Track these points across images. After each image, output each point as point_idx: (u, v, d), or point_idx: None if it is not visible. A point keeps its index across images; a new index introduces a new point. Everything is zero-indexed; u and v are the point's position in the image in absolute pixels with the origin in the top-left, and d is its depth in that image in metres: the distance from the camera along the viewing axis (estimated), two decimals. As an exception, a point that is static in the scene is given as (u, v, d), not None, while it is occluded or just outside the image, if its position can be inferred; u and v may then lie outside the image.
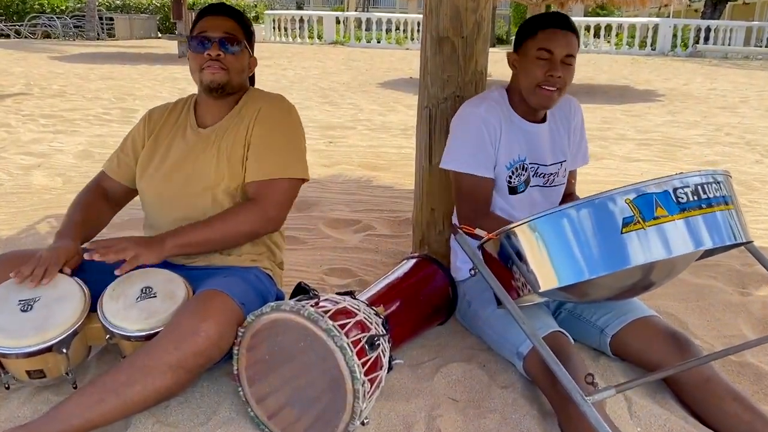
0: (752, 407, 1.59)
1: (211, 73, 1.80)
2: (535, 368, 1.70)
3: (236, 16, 1.87)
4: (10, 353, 1.55)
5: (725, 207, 1.46)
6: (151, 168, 1.92)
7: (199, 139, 1.89)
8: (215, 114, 1.91)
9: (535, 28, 1.86)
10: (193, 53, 1.83)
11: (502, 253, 1.56)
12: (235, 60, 1.83)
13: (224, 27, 1.82)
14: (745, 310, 2.35)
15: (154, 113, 2.02)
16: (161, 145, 1.94)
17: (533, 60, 1.83)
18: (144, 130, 1.98)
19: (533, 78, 1.83)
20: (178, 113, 1.98)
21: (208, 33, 1.80)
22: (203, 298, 1.60)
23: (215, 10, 1.86)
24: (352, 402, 1.45)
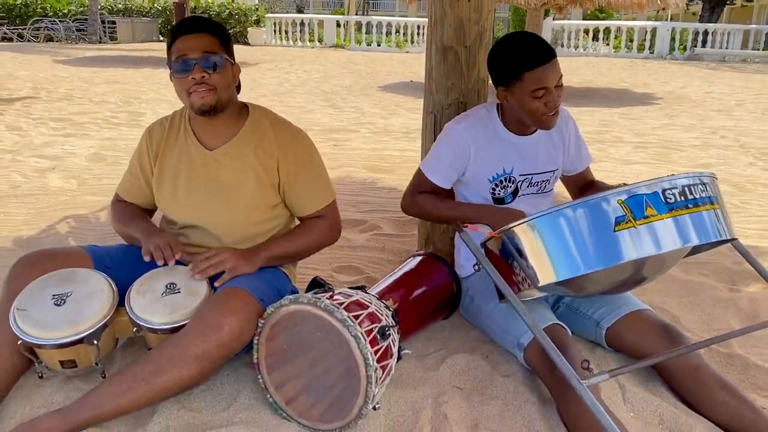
0: (738, 394, 1.69)
1: (200, 98, 1.78)
2: (535, 358, 1.81)
3: (211, 29, 1.83)
4: (45, 344, 1.66)
5: (711, 207, 1.57)
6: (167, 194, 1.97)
7: (211, 161, 1.91)
8: (217, 134, 1.92)
9: (519, 70, 1.86)
10: (176, 77, 1.80)
11: (504, 251, 1.68)
12: (220, 77, 1.80)
13: (202, 45, 1.78)
14: (734, 305, 2.46)
15: (153, 133, 2.01)
16: (169, 169, 1.96)
17: (529, 99, 1.87)
18: (148, 152, 2.00)
19: (534, 110, 1.89)
20: (176, 132, 1.98)
21: (187, 55, 1.76)
22: (226, 294, 1.70)
23: (188, 28, 1.80)
24: (366, 387, 1.56)
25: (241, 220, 1.94)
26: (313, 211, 1.98)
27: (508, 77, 1.90)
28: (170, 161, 1.96)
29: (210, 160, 1.92)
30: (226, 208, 1.92)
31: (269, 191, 1.94)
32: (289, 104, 8.25)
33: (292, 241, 1.96)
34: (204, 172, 1.92)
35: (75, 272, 1.82)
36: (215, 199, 1.91)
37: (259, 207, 1.94)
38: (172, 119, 2.02)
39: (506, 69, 1.90)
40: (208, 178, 1.92)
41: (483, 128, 2.05)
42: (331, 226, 2.01)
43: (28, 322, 1.67)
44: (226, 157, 1.92)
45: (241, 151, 1.92)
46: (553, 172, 2.15)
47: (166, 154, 1.97)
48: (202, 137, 1.95)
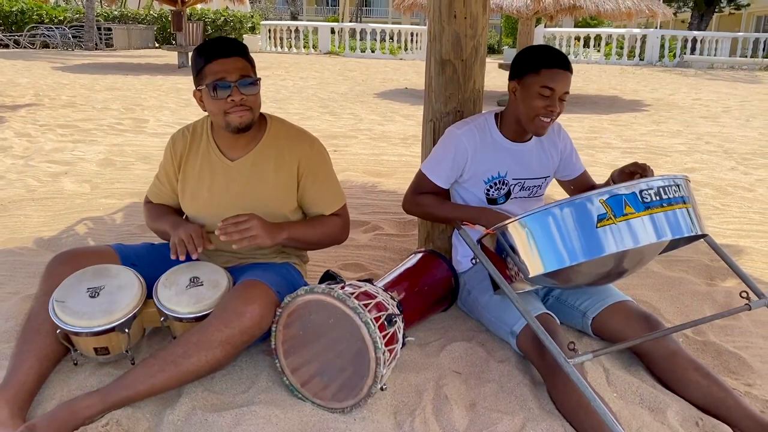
0: (710, 375, 1.87)
1: (239, 117, 1.91)
2: (527, 344, 1.98)
3: (243, 52, 1.94)
4: (82, 332, 1.82)
5: (683, 206, 1.75)
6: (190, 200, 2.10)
7: (233, 172, 2.05)
8: (240, 147, 2.06)
9: (539, 65, 2.05)
10: (213, 99, 1.90)
11: (498, 247, 1.86)
12: (255, 98, 1.95)
13: (239, 68, 1.89)
14: (711, 298, 2.65)
15: (176, 143, 2.13)
16: (192, 177, 2.09)
17: (535, 94, 2.06)
18: (172, 161, 2.13)
19: (533, 109, 2.08)
20: (198, 142, 2.10)
21: (225, 78, 1.87)
22: (247, 286, 1.87)
23: (223, 51, 1.90)
24: (375, 368, 1.72)
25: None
26: (328, 213, 2.15)
27: (527, 68, 2.09)
28: (192, 170, 2.10)
29: (232, 170, 2.07)
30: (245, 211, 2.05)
31: (287, 197, 2.09)
32: (288, 111, 8.37)
33: (312, 228, 2.10)
34: (225, 182, 2.06)
35: (107, 268, 1.99)
36: (236, 207, 2.03)
37: (278, 213, 2.08)
38: (194, 129, 2.14)
39: (529, 61, 2.09)
40: (229, 187, 2.06)
41: (481, 134, 2.23)
42: (344, 225, 2.19)
43: (67, 312, 1.83)
44: (247, 167, 2.06)
45: (262, 160, 2.06)
46: (544, 179, 2.34)
47: (189, 162, 2.11)
48: (224, 149, 2.08)
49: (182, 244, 1.91)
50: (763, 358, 2.19)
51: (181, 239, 1.92)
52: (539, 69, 2.05)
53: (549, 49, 2.11)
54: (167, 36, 24.06)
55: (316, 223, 2.14)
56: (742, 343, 2.29)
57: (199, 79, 1.94)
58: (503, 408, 1.85)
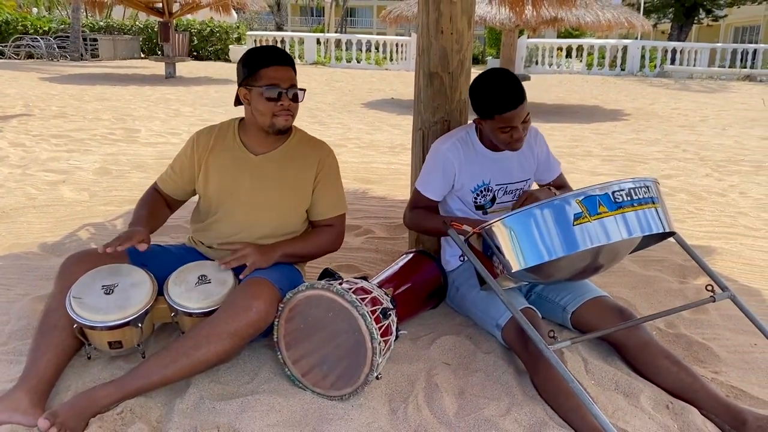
0: (680, 363, 2.03)
1: (284, 120, 2.13)
2: (511, 336, 2.13)
3: (293, 64, 2.17)
4: (98, 326, 1.93)
5: (652, 205, 1.90)
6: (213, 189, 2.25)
7: (256, 164, 2.23)
8: (266, 145, 2.25)
9: (492, 112, 2.17)
10: (265, 100, 2.09)
11: (484, 246, 2.00)
12: (297, 106, 2.18)
13: (290, 78, 2.12)
14: (682, 294, 2.83)
15: (200, 139, 2.29)
16: (216, 168, 2.25)
17: (499, 132, 2.20)
18: (193, 154, 2.28)
19: (503, 141, 2.23)
20: (223, 139, 2.28)
21: (280, 84, 2.09)
22: (252, 283, 2.01)
23: (280, 59, 2.12)
24: (371, 357, 1.85)
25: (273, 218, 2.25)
26: (328, 216, 2.32)
27: (484, 113, 2.23)
28: (216, 161, 2.26)
29: (256, 164, 2.24)
30: (264, 207, 2.24)
31: (302, 197, 2.28)
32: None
33: (305, 243, 2.29)
34: (249, 175, 2.23)
35: (119, 267, 2.11)
36: (255, 198, 2.23)
37: (291, 209, 2.27)
38: (220, 128, 2.32)
39: (482, 107, 2.22)
40: (252, 179, 2.23)
41: (464, 147, 2.39)
42: (337, 234, 2.36)
43: (83, 308, 1.94)
44: (270, 163, 2.25)
45: (285, 159, 2.26)
46: (525, 182, 2.50)
47: (212, 156, 2.27)
48: (249, 145, 2.26)
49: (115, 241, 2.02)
50: (729, 349, 2.35)
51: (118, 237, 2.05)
52: (493, 116, 2.18)
53: (500, 90, 2.16)
54: (153, 46, 24.06)
55: (309, 237, 2.32)
56: (710, 335, 2.46)
57: (252, 79, 2.12)
58: (489, 395, 1.99)
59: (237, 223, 2.26)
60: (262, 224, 2.26)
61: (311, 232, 2.35)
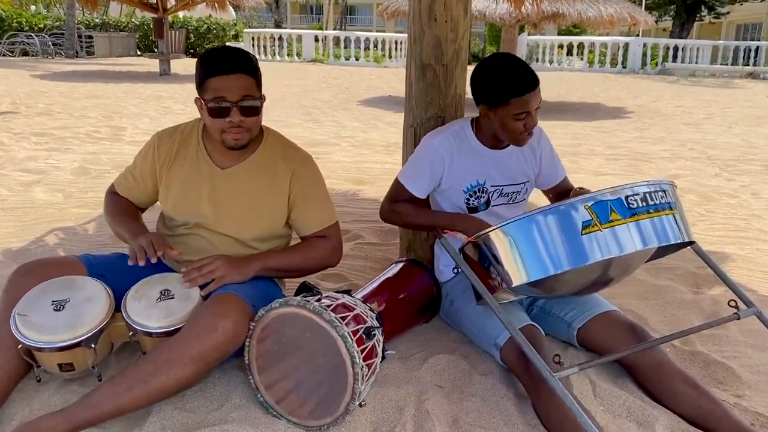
0: (699, 387, 1.82)
1: (234, 139, 1.87)
2: (511, 357, 1.92)
3: (249, 69, 1.86)
4: (45, 347, 1.73)
5: (669, 212, 1.71)
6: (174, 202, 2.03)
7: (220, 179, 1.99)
8: (232, 156, 1.99)
9: (507, 96, 1.96)
10: (211, 118, 1.84)
11: (481, 255, 1.80)
12: (255, 120, 1.88)
13: (242, 88, 1.81)
14: (698, 306, 2.61)
15: (162, 144, 2.05)
16: (178, 180, 2.02)
17: (511, 121, 1.99)
18: (154, 161, 2.05)
19: (514, 130, 2.02)
20: (187, 145, 2.04)
21: (226, 98, 1.81)
22: (220, 299, 1.78)
23: (226, 67, 1.82)
24: (353, 384, 1.65)
25: (245, 235, 2.03)
26: (314, 230, 2.08)
27: (494, 100, 2.00)
28: (179, 174, 2.03)
29: (221, 178, 2.00)
30: (234, 225, 2.02)
31: (276, 210, 2.04)
32: (270, 118, 8.30)
33: (290, 256, 2.05)
34: (213, 190, 2.00)
35: (73, 279, 1.90)
36: (221, 216, 2.00)
37: (264, 224, 2.04)
38: (183, 132, 2.07)
39: (494, 92, 2.00)
40: (217, 195, 2.00)
41: (457, 142, 2.17)
42: (333, 247, 2.09)
43: (29, 326, 1.73)
44: (237, 177, 2.01)
45: (254, 171, 2.01)
46: (523, 184, 2.28)
47: (176, 166, 2.04)
48: (215, 156, 2.02)
49: (141, 251, 1.85)
50: (752, 369, 2.14)
51: (141, 246, 1.86)
52: (508, 100, 1.98)
53: (514, 71, 1.99)
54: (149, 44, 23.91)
55: (293, 249, 2.09)
56: (730, 352, 2.25)
57: (200, 89, 1.89)
58: (487, 424, 1.79)
59: (204, 241, 2.05)
60: (233, 244, 2.04)
61: (298, 244, 2.10)
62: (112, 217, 2.10)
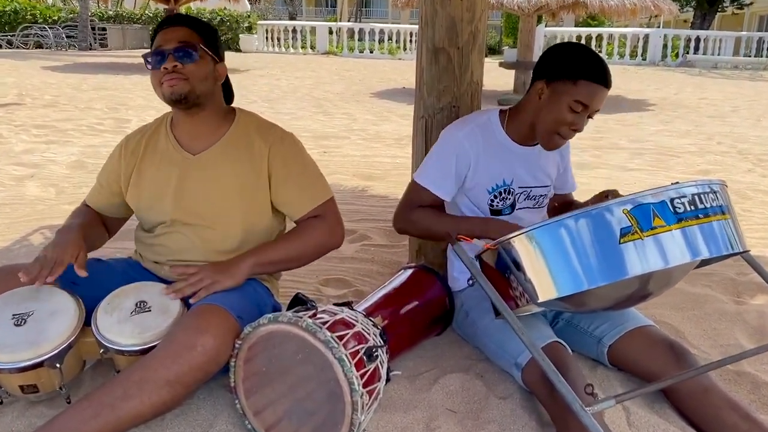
0: (749, 416, 1.59)
1: (170, 86, 1.71)
2: (534, 379, 1.70)
3: (191, 24, 1.80)
4: (3, 368, 1.54)
5: (722, 217, 1.48)
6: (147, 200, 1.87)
7: (194, 167, 1.82)
8: (200, 138, 1.85)
9: (579, 74, 1.75)
10: (151, 71, 1.75)
11: (500, 263, 1.57)
12: (195, 68, 1.74)
13: (178, 37, 1.74)
14: (741, 319, 2.35)
15: (129, 143, 1.93)
16: (149, 176, 1.87)
17: (565, 106, 1.77)
18: (120, 162, 1.91)
19: (557, 122, 1.80)
20: (156, 139, 1.90)
21: (162, 46, 1.73)
22: (200, 312, 1.59)
23: (168, 22, 1.79)
24: (351, 414, 1.44)
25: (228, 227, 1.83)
26: (307, 210, 1.85)
27: (564, 73, 1.77)
28: (149, 168, 1.86)
29: (193, 165, 1.82)
30: (212, 214, 1.82)
31: (258, 195, 1.83)
32: (279, 110, 8.20)
33: (285, 247, 1.83)
34: (185, 178, 1.82)
35: (38, 290, 1.69)
36: (199, 205, 1.81)
37: (247, 212, 1.84)
38: (152, 127, 1.94)
39: (569, 65, 1.77)
40: (190, 184, 1.82)
41: (484, 136, 1.93)
42: (330, 227, 1.87)
43: (-15, 343, 1.54)
44: (210, 161, 1.82)
45: (227, 154, 1.82)
46: (548, 187, 2.06)
47: (145, 161, 1.87)
48: (184, 142, 1.85)
49: (34, 266, 1.65)
50: (808, 392, 1.89)
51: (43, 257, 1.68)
52: (578, 79, 1.74)
53: (593, 56, 1.77)
54: (163, 36, 23.99)
55: (288, 237, 1.87)
56: (781, 372, 2.00)
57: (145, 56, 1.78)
58: (506, 457, 1.56)
59: (184, 238, 1.85)
60: (216, 239, 1.83)
61: (293, 230, 1.88)
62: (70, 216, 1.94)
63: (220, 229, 1.82)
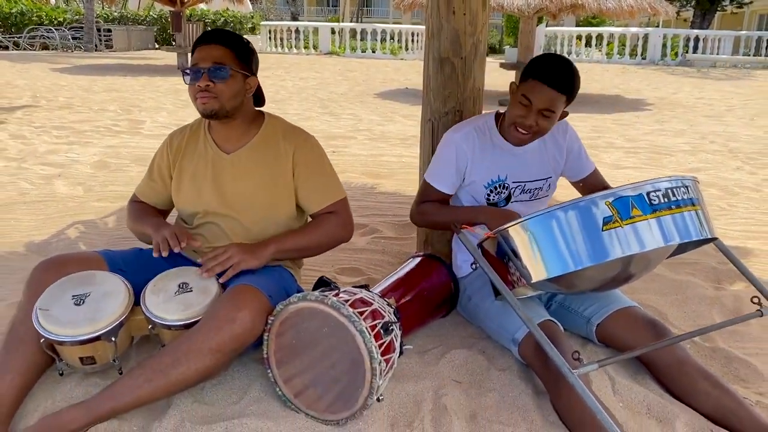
0: (721, 385, 1.80)
1: (202, 103, 1.92)
2: (529, 352, 1.91)
3: (227, 42, 1.95)
4: (66, 341, 1.75)
5: (692, 208, 1.68)
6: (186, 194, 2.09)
7: (227, 164, 2.05)
8: (233, 140, 2.07)
9: (529, 74, 1.99)
10: (188, 85, 1.96)
11: (499, 251, 1.78)
12: (225, 87, 1.92)
13: (213, 56, 1.92)
14: (719, 302, 2.58)
15: (174, 140, 2.16)
16: (189, 172, 2.09)
17: (516, 102, 2.03)
18: (168, 157, 2.14)
19: (511, 117, 2.06)
20: (196, 138, 2.13)
21: (198, 64, 1.92)
22: (237, 291, 1.80)
23: (205, 39, 1.96)
24: (371, 379, 1.65)
25: (255, 218, 2.06)
26: (324, 205, 2.09)
27: (524, 74, 2.03)
28: (189, 164, 2.10)
29: (227, 162, 2.06)
30: (242, 208, 2.05)
31: (283, 191, 2.06)
32: (287, 111, 8.34)
33: (303, 236, 2.06)
34: (221, 174, 2.05)
35: (93, 274, 1.91)
36: (231, 199, 2.04)
37: (272, 205, 2.06)
38: (192, 127, 2.17)
39: (528, 67, 2.02)
40: (224, 179, 2.05)
41: (480, 137, 2.17)
42: (343, 222, 2.11)
43: (51, 320, 1.76)
44: (242, 160, 2.05)
45: (256, 154, 2.06)
46: (546, 180, 2.27)
47: (186, 157, 2.11)
48: (219, 143, 2.09)
49: (165, 242, 1.89)
50: (775, 365, 2.11)
51: (164, 237, 1.91)
52: (528, 77, 2.00)
53: (552, 62, 1.99)
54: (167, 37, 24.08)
55: (307, 228, 2.10)
56: (752, 349, 2.22)
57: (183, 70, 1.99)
58: (505, 419, 1.79)
59: (219, 229, 2.08)
60: (246, 228, 2.07)
61: (310, 223, 2.13)
62: (134, 221, 2.15)
63: (247, 220, 2.06)
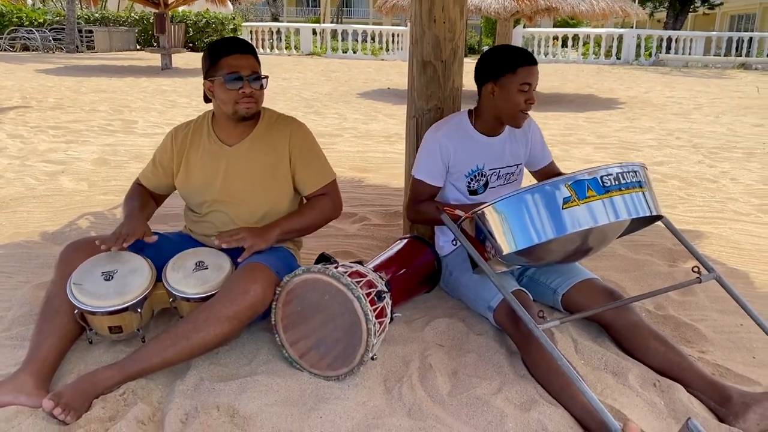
0: (668, 343, 2.08)
1: (246, 108, 2.17)
2: (503, 317, 2.18)
3: (254, 52, 2.23)
4: (98, 311, 1.98)
5: (639, 190, 1.93)
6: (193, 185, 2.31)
7: (231, 157, 2.27)
8: (237, 134, 2.28)
9: (515, 65, 2.24)
10: (227, 89, 2.14)
11: (477, 231, 2.04)
12: (261, 93, 2.22)
13: (252, 66, 2.17)
14: (671, 277, 2.88)
15: (178, 134, 2.36)
16: (194, 165, 2.31)
17: (515, 92, 2.26)
18: (172, 149, 2.34)
19: (516, 105, 2.28)
20: (200, 133, 2.33)
21: (240, 72, 2.13)
22: (249, 268, 2.05)
23: (240, 48, 2.17)
24: (366, 338, 1.90)
25: (259, 204, 2.30)
26: (318, 188, 2.35)
27: (502, 69, 2.27)
28: (195, 157, 2.32)
29: (231, 155, 2.28)
30: (247, 196, 2.28)
31: (282, 176, 2.31)
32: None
33: (302, 217, 2.32)
34: (225, 166, 2.28)
35: (119, 254, 2.14)
36: (235, 187, 2.27)
37: (272, 190, 2.30)
38: (196, 123, 2.38)
39: (502, 63, 2.28)
40: (229, 170, 2.27)
41: (458, 132, 2.44)
42: (334, 202, 2.39)
43: (84, 293, 1.99)
44: (243, 152, 2.28)
45: (257, 145, 2.29)
46: (517, 166, 2.55)
47: (191, 151, 2.33)
48: (223, 137, 2.31)
49: (111, 239, 2.09)
50: (716, 329, 2.41)
51: (118, 232, 2.12)
52: (516, 69, 2.25)
53: (517, 49, 2.30)
54: (148, 38, 23.99)
55: (304, 209, 2.36)
56: (698, 316, 2.51)
57: (213, 70, 2.18)
58: (482, 374, 2.04)
59: (226, 216, 2.31)
60: (251, 213, 2.30)
61: (306, 205, 2.39)
62: (125, 201, 2.39)
63: (251, 207, 2.29)
